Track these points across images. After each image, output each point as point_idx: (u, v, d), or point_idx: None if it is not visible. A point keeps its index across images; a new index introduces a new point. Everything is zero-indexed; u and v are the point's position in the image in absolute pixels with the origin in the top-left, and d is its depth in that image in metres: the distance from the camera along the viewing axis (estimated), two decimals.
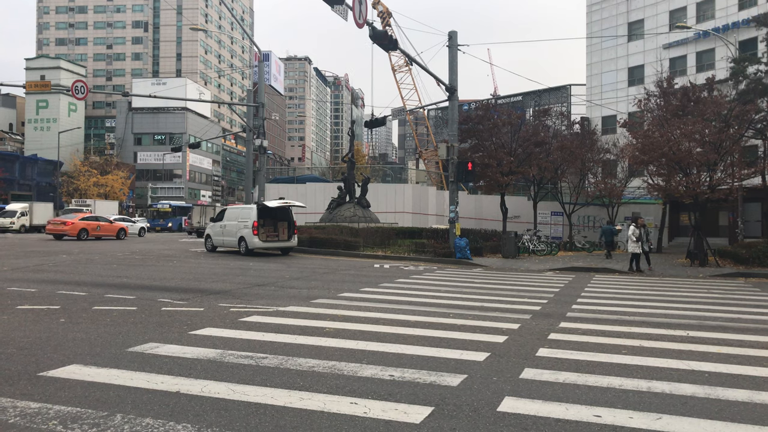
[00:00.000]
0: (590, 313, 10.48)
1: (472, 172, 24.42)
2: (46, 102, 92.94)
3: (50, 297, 10.73)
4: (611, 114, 47.98)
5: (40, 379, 5.55)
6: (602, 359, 6.81)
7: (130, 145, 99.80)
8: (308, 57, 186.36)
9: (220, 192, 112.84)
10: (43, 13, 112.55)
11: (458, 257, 22.49)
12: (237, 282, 13.87)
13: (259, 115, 30.19)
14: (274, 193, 34.87)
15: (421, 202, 38.53)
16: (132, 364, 6.11)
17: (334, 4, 16.96)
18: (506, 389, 5.52)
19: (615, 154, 34.83)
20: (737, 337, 8.47)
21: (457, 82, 24.02)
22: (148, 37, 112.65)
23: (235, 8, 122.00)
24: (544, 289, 14.34)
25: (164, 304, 10.23)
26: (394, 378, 5.80)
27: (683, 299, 12.89)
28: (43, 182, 71.23)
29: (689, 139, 22.57)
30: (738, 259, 21.97)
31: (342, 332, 8.03)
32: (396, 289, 13.33)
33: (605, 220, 33.36)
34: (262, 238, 23.01)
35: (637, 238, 20.17)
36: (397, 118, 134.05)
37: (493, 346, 7.37)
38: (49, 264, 17.38)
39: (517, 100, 71.42)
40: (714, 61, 45.21)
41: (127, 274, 15.18)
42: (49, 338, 7.29)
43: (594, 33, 54.86)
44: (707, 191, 22.75)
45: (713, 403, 5.24)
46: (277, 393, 5.23)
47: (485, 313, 10.03)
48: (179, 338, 7.45)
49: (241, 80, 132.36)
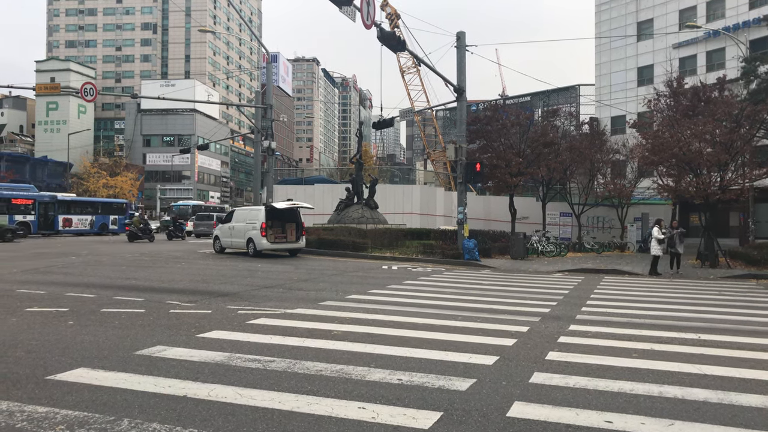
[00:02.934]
0: (600, 315, 10.40)
1: (481, 173, 24.32)
2: (56, 104, 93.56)
3: (59, 299, 10.76)
4: (620, 114, 47.71)
5: (48, 382, 5.54)
6: (612, 363, 6.74)
7: (139, 147, 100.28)
8: (316, 58, 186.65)
9: (229, 193, 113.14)
10: (53, 16, 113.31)
11: (466, 258, 22.40)
12: (245, 284, 13.87)
13: (267, 117, 30.21)
14: (282, 194, 34.90)
15: (429, 203, 38.46)
16: (139, 368, 6.10)
17: (342, 6, 16.94)
18: (516, 394, 5.46)
19: (624, 155, 34.64)
20: (749, 340, 8.36)
21: (465, 82, 23.94)
22: (156, 38, 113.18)
23: (243, 10, 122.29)
24: (553, 291, 14.25)
25: (172, 306, 10.23)
26: (402, 382, 5.76)
27: (694, 301, 12.77)
28: (53, 184, 71.55)
29: (700, 140, 22.41)
30: (749, 261, 21.77)
31: (350, 335, 7.99)
32: (404, 291, 13.28)
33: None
34: (271, 240, 23.01)
35: (659, 241, 19.92)
36: (405, 119, 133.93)
37: (502, 350, 7.31)
38: (59, 265, 17.45)
39: (526, 100, 71.22)
40: (724, 61, 44.88)
41: (136, 275, 15.21)
42: (57, 341, 7.29)
43: (603, 33, 54.59)
44: (718, 192, 22.57)
45: (726, 409, 5.16)
46: (284, 397, 5.20)
47: (494, 316, 9.96)
48: (187, 341, 7.43)
49: (250, 81, 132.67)
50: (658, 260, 19.89)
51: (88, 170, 78.57)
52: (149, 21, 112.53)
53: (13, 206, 37.96)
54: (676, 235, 20.26)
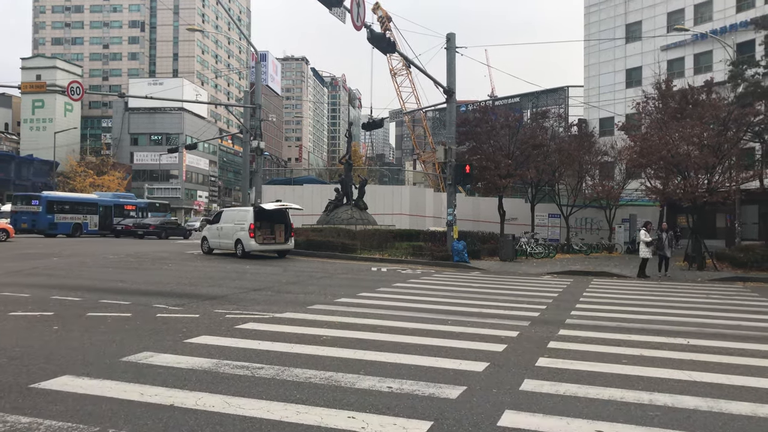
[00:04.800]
0: (589, 319, 10.41)
1: (470, 174, 24.35)
2: (42, 102, 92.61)
3: (44, 302, 10.61)
4: (609, 116, 47.96)
5: (32, 391, 5.44)
6: (602, 369, 6.73)
7: (127, 146, 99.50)
8: (305, 57, 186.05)
9: (217, 192, 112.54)
10: (39, 13, 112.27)
11: (456, 260, 22.41)
12: (233, 286, 13.76)
13: (256, 117, 30.05)
14: (271, 195, 34.75)
15: (419, 204, 38.46)
16: (126, 375, 6.00)
17: (332, 7, 16.87)
18: (506, 402, 5.43)
19: (613, 157, 34.81)
20: (738, 345, 8.39)
21: (455, 84, 23.95)
22: (144, 36, 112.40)
23: (232, 8, 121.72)
24: (543, 294, 14.27)
25: (159, 310, 10.12)
26: (392, 390, 5.71)
27: (682, 305, 12.83)
28: (39, 182, 70.90)
29: (688, 143, 22.54)
30: (736, 263, 21.94)
31: (339, 340, 7.93)
32: (393, 294, 13.24)
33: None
34: (259, 241, 22.90)
35: (647, 244, 19.99)
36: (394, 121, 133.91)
37: (492, 356, 7.28)
38: (43, 267, 17.24)
39: (515, 101, 71.50)
40: (712, 63, 45.22)
41: (123, 278, 15.05)
42: (41, 347, 7.17)
43: (592, 34, 54.84)
44: (705, 194, 22.70)
45: (717, 417, 5.16)
46: (273, 406, 5.13)
47: (483, 320, 9.94)
48: (174, 347, 7.34)
49: (238, 80, 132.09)
50: (646, 263, 19.99)
51: (74, 169, 77.85)
52: (137, 19, 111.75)
53: (126, 212, 45.05)
54: (665, 238, 20.35)
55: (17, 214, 37.59)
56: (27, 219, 37.38)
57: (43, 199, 37.93)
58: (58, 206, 38.91)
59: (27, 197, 39.36)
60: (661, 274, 20.04)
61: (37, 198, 38.46)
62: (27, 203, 38.32)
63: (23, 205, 38.23)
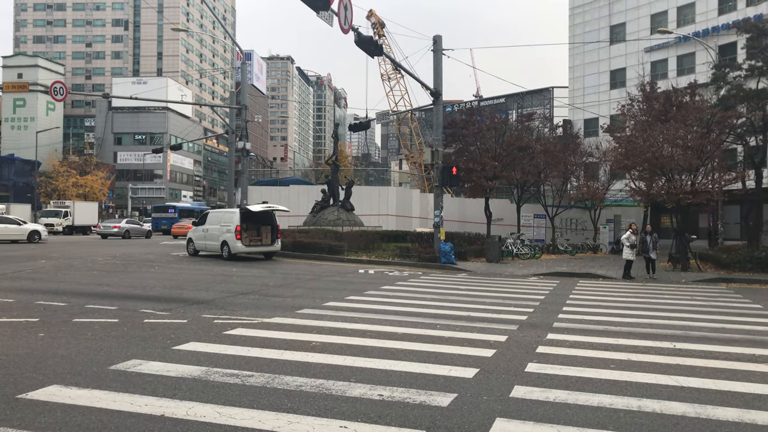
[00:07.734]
0: (577, 323, 10.48)
1: (457, 176, 24.42)
2: (23, 100, 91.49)
3: (28, 308, 10.49)
4: (593, 117, 48.33)
5: (19, 402, 5.37)
6: (591, 375, 6.78)
7: (110, 145, 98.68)
8: (291, 56, 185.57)
9: (202, 192, 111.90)
10: (20, 10, 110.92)
11: (443, 262, 22.45)
12: (220, 290, 13.69)
13: (241, 117, 29.90)
14: (257, 197, 34.60)
15: (405, 205, 38.50)
16: (114, 384, 5.95)
17: (320, 10, 16.83)
18: (497, 409, 5.45)
19: (597, 157, 35.07)
20: (723, 349, 8.49)
21: (442, 86, 23.99)
22: (128, 35, 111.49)
23: (216, 7, 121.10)
24: (530, 296, 14.34)
25: (147, 315, 10.04)
26: (383, 398, 5.71)
27: (667, 307, 12.95)
28: (20, 182, 70.10)
29: (672, 144, 22.75)
30: (719, 264, 22.20)
31: (329, 346, 7.92)
32: (381, 298, 13.24)
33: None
34: (245, 243, 22.79)
35: (630, 245, 20.15)
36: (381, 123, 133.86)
37: (481, 361, 7.31)
38: (28, 270, 17.04)
39: (501, 102, 71.76)
40: (695, 65, 45.70)
41: (108, 281, 14.92)
42: (28, 355, 7.09)
43: (576, 36, 55.19)
44: (689, 195, 22.93)
45: (704, 424, 5.21)
46: (264, 416, 5.11)
47: (472, 324, 9.97)
48: (163, 354, 7.29)
49: (223, 79, 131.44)
50: (630, 264, 20.19)
51: (56, 169, 76.99)
52: (120, 17, 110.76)
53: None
54: (650, 240, 20.49)
55: (158, 220, 53.48)
56: (166, 222, 51.86)
57: (177, 209, 55.94)
58: (184, 213, 55.10)
59: (164, 207, 58.07)
60: (648, 276, 20.21)
61: (173, 207, 56.80)
62: (164, 211, 55.67)
63: (161, 213, 55.38)
